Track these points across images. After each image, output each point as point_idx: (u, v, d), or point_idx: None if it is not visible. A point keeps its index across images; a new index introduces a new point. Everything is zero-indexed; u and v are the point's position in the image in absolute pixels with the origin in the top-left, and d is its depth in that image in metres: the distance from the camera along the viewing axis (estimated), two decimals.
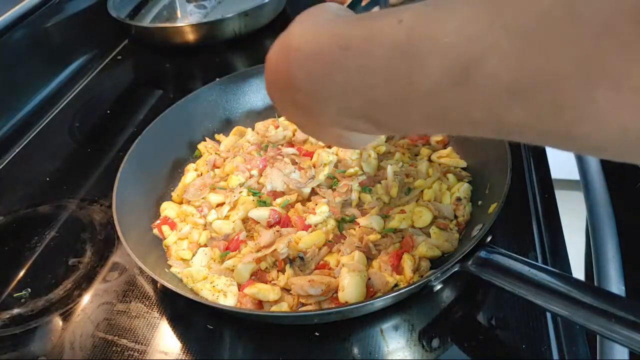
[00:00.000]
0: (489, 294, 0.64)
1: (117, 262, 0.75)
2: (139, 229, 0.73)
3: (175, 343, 0.64)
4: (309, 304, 0.63)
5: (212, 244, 0.72)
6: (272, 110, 0.97)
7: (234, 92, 0.96)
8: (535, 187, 0.76)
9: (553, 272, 0.52)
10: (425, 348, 0.59)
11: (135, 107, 1.10)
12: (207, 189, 0.80)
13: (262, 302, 0.64)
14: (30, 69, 1.14)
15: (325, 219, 0.72)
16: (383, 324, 0.62)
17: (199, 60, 1.24)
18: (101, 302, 0.69)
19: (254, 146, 0.87)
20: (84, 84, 1.20)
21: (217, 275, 0.66)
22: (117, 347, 0.63)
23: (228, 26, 1.20)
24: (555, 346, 0.57)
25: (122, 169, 0.75)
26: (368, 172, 0.79)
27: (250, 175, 0.81)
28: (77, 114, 1.11)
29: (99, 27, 1.30)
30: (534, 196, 0.75)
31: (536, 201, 0.74)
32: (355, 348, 0.60)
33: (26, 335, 0.67)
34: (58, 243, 0.80)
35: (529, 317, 0.60)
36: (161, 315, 0.67)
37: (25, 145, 1.03)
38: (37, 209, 0.86)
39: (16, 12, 1.10)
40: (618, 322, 0.45)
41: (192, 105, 0.91)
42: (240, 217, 0.74)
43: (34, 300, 0.71)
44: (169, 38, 1.22)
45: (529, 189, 0.76)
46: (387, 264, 0.66)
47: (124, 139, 1.00)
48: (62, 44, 1.23)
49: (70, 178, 0.93)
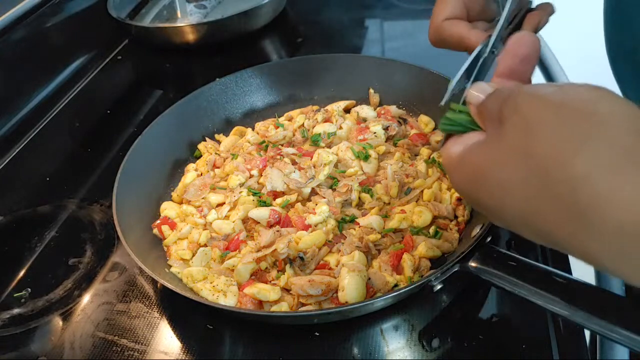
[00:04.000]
0: (489, 294, 0.64)
1: (117, 262, 0.75)
2: (139, 229, 0.73)
3: (175, 343, 0.63)
4: (309, 304, 0.63)
5: (212, 244, 0.72)
6: (272, 110, 0.97)
7: (234, 92, 0.96)
8: None
9: (553, 272, 0.52)
10: (425, 348, 0.59)
11: (135, 107, 1.10)
12: (207, 189, 0.80)
13: (262, 302, 0.64)
14: (30, 69, 1.14)
15: (325, 219, 0.72)
16: (383, 324, 0.62)
17: (199, 60, 1.24)
18: (101, 302, 0.69)
19: (254, 146, 0.87)
20: (84, 84, 1.20)
21: (217, 275, 0.66)
22: (117, 347, 0.63)
23: (228, 26, 1.20)
24: (555, 346, 0.57)
25: (122, 169, 0.75)
26: (368, 172, 0.79)
27: (250, 175, 0.81)
28: (77, 114, 1.11)
29: (99, 27, 1.30)
30: None
31: None
32: (355, 348, 0.60)
33: (26, 335, 0.67)
34: (58, 243, 0.80)
35: (529, 317, 0.60)
36: (161, 315, 0.67)
37: (25, 145, 1.03)
38: (37, 209, 0.86)
39: (16, 12, 1.10)
40: (618, 322, 0.45)
41: (192, 105, 0.91)
42: (240, 217, 0.74)
43: (34, 300, 0.71)
44: (169, 38, 1.22)
45: None
46: (387, 264, 0.66)
47: (124, 139, 1.00)
48: (62, 44, 1.23)
49: (70, 178, 0.93)
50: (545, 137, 0.35)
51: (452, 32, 0.60)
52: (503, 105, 0.39)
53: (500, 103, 0.40)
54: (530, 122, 0.36)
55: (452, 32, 0.60)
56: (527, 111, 0.37)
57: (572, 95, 0.36)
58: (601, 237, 0.33)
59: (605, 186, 0.32)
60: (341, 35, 1.28)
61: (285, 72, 0.97)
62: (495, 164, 0.39)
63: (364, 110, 0.90)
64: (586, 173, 0.32)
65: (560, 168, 0.34)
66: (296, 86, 0.97)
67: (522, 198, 0.37)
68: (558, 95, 0.37)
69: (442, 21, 0.61)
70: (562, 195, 0.34)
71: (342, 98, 0.95)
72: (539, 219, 0.36)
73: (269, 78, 0.97)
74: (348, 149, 0.81)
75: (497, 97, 0.41)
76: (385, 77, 0.92)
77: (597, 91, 0.36)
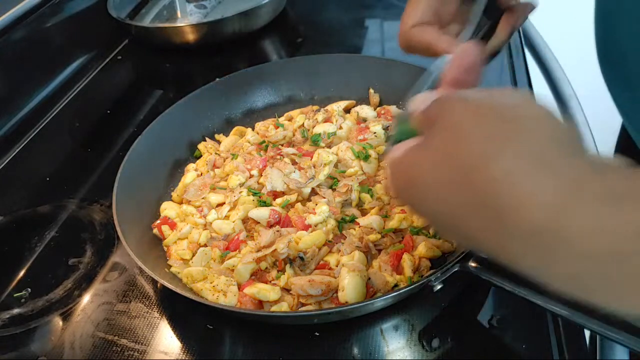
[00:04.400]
0: (489, 294, 0.64)
1: (117, 262, 0.75)
2: (139, 229, 0.73)
3: (175, 343, 0.63)
4: (309, 304, 0.63)
5: (212, 244, 0.72)
6: (272, 110, 0.97)
7: (234, 92, 0.95)
8: None
9: None
10: (425, 348, 0.59)
11: (135, 107, 1.10)
12: (207, 189, 0.80)
13: (262, 302, 0.64)
14: (30, 69, 1.14)
15: (325, 219, 0.72)
16: (383, 324, 0.62)
17: (199, 60, 1.24)
18: (101, 302, 0.69)
19: (254, 146, 0.87)
20: (84, 84, 1.20)
21: (217, 275, 0.66)
22: (117, 347, 0.63)
23: (228, 26, 1.20)
24: (555, 346, 0.57)
25: (122, 169, 0.75)
26: (368, 172, 0.79)
27: (250, 175, 0.81)
28: (77, 114, 1.11)
29: (99, 27, 1.30)
30: None
31: None
32: (355, 348, 0.60)
33: (26, 335, 0.67)
34: (58, 243, 0.80)
35: (529, 317, 0.60)
36: (161, 315, 0.67)
37: (25, 145, 1.03)
38: (37, 209, 0.86)
39: (16, 12, 1.10)
40: (618, 322, 0.45)
41: (192, 105, 0.90)
42: (240, 217, 0.74)
43: (34, 300, 0.71)
44: (169, 38, 1.22)
45: None
46: (387, 264, 0.66)
47: (124, 139, 1.00)
48: (62, 44, 1.23)
49: (70, 178, 0.92)
50: (468, 139, 0.36)
51: (420, 38, 0.58)
52: (436, 110, 0.41)
53: (435, 108, 0.41)
54: (455, 125, 0.37)
55: (421, 39, 0.58)
56: (452, 114, 0.38)
57: (496, 100, 0.38)
58: (519, 241, 0.33)
59: (521, 190, 0.32)
60: (341, 35, 1.28)
61: (285, 72, 0.97)
62: (424, 165, 0.39)
63: (364, 110, 0.90)
64: (503, 176, 0.33)
65: (480, 170, 0.34)
66: (296, 86, 0.97)
67: (448, 201, 0.37)
68: (483, 100, 0.38)
69: (410, 27, 0.59)
70: (481, 197, 0.34)
71: (342, 98, 0.95)
72: (464, 223, 0.37)
73: (269, 78, 0.97)
74: (348, 149, 0.81)
75: (434, 103, 0.42)
76: (385, 77, 0.92)
77: (519, 97, 0.38)
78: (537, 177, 0.32)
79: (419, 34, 0.58)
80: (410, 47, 0.60)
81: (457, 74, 0.48)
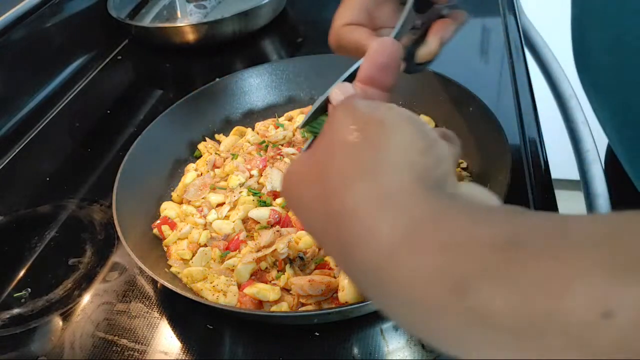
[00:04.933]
0: None
1: (117, 262, 0.75)
2: (139, 229, 0.73)
3: (175, 343, 0.63)
4: (309, 304, 0.63)
5: (212, 244, 0.72)
6: (272, 110, 0.97)
7: (234, 92, 0.95)
8: (535, 187, 0.76)
9: None
10: (425, 348, 0.59)
11: (135, 107, 1.10)
12: (207, 189, 0.80)
13: (262, 302, 0.64)
14: (30, 69, 1.14)
15: None
16: (383, 324, 0.62)
17: (199, 60, 1.24)
18: (101, 302, 0.69)
19: (254, 146, 0.87)
20: (84, 84, 1.20)
21: (217, 275, 0.66)
22: (117, 347, 0.63)
23: (228, 26, 1.20)
24: None
25: (122, 169, 0.75)
26: None
27: (250, 175, 0.81)
28: (77, 114, 1.11)
29: (99, 27, 1.30)
30: (534, 196, 0.75)
31: (536, 201, 0.74)
32: (355, 348, 0.60)
33: (26, 335, 0.67)
34: (58, 243, 0.80)
35: None
36: (161, 315, 0.67)
37: (25, 145, 1.03)
38: (37, 209, 0.86)
39: (16, 12, 1.10)
40: None
41: (192, 105, 0.90)
42: (240, 217, 0.74)
43: (34, 300, 0.71)
44: (169, 38, 1.22)
45: (529, 189, 0.76)
46: None
47: (124, 139, 1.00)
48: (62, 44, 1.23)
49: (70, 178, 0.93)
50: (337, 158, 0.34)
51: (349, 38, 0.57)
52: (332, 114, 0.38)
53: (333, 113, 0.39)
54: (333, 140, 0.36)
55: (350, 39, 0.57)
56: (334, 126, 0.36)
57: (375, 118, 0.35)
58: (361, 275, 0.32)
59: (365, 224, 0.31)
60: None
61: (285, 72, 0.97)
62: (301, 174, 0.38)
63: None
64: (353, 208, 0.32)
65: (337, 197, 0.33)
66: (296, 86, 0.97)
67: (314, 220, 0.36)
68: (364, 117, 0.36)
69: (341, 27, 0.58)
70: (334, 226, 0.33)
71: None
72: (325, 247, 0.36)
73: (269, 78, 0.97)
74: None
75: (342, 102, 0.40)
76: None
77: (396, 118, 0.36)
78: (379, 213, 0.30)
79: (349, 34, 0.57)
80: (340, 46, 0.59)
81: (371, 72, 0.45)
